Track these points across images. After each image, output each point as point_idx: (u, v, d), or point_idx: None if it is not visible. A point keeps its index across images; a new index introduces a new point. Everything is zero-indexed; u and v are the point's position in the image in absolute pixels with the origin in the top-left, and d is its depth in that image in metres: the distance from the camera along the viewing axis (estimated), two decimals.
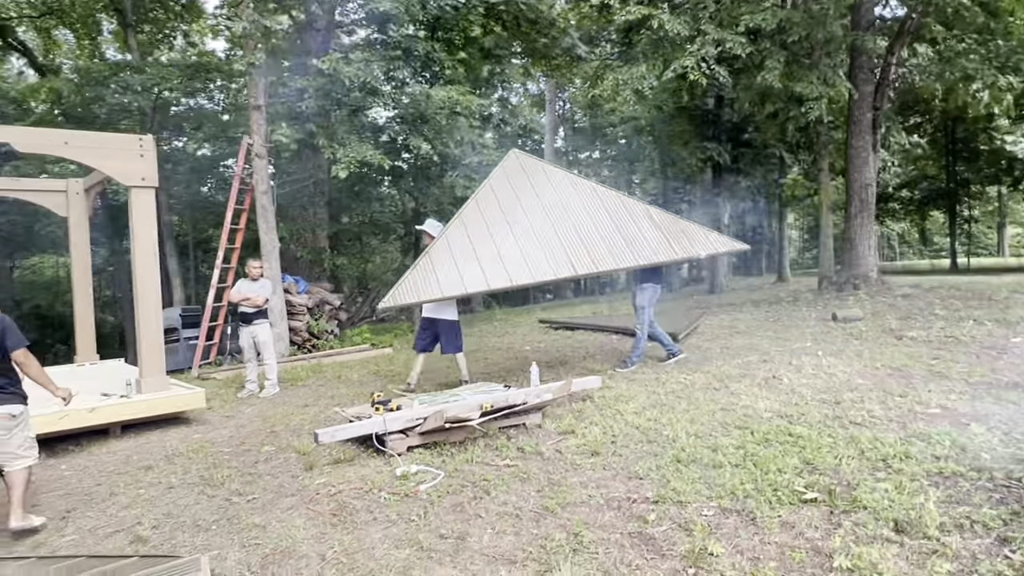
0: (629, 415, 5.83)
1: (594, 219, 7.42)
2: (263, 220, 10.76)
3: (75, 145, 6.48)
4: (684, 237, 7.32)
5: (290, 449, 5.80)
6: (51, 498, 5.08)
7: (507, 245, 7.15)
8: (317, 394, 8.28)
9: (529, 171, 7.95)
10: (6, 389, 4.31)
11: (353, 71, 10.02)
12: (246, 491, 4.82)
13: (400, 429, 5.31)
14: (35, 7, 18.64)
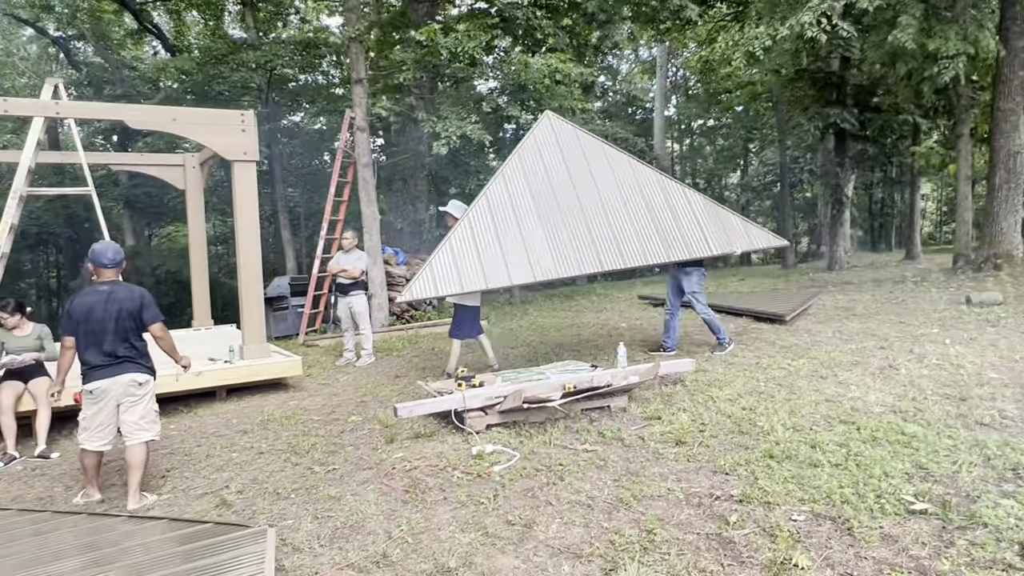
0: (722, 402, 5.46)
1: (628, 205, 6.91)
2: (364, 192, 10.97)
3: (182, 121, 6.78)
4: (721, 230, 6.90)
5: (375, 420, 5.88)
6: (156, 456, 5.38)
7: (533, 233, 6.60)
8: (410, 365, 8.40)
9: (563, 142, 7.22)
10: (134, 359, 4.41)
11: (451, 42, 9.93)
12: (328, 461, 4.90)
13: (479, 407, 5.23)
14: None
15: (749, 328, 8.75)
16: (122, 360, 4.35)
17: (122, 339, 4.34)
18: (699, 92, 31.01)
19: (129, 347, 4.38)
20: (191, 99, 16.13)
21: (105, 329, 4.29)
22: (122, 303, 4.34)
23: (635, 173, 7.16)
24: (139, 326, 4.42)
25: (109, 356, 4.31)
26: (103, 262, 4.44)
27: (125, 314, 4.33)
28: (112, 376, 4.32)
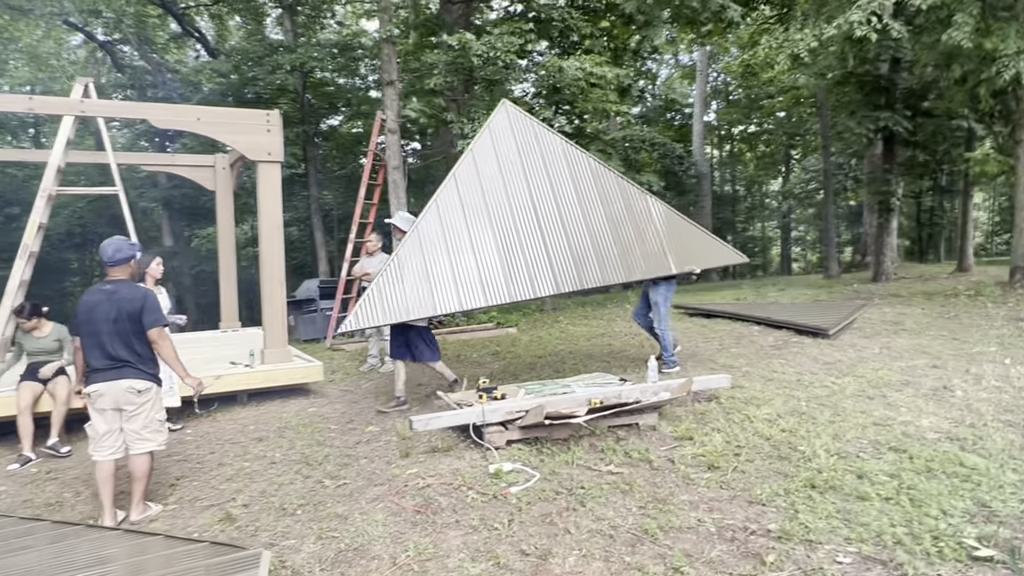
0: (760, 423, 5.10)
1: (587, 216, 6.32)
2: (394, 195, 10.82)
3: (207, 121, 6.68)
4: (682, 246, 6.49)
5: (392, 431, 5.66)
6: (168, 462, 5.25)
7: (486, 249, 5.97)
8: (433, 372, 8.13)
9: (520, 136, 6.42)
10: (134, 365, 4.14)
11: (483, 46, 9.73)
12: (339, 475, 4.69)
13: (499, 421, 4.96)
14: None
15: (790, 342, 8.33)
16: (122, 365, 4.09)
17: (123, 342, 4.09)
18: (740, 97, 30.36)
19: (130, 351, 4.11)
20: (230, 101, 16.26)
21: (106, 331, 4.06)
22: (122, 304, 4.08)
23: (596, 179, 6.51)
24: (140, 329, 4.13)
25: (110, 359, 4.08)
26: (104, 259, 4.21)
27: (124, 316, 4.07)
28: (110, 380, 4.08)
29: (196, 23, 20.98)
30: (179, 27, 19.84)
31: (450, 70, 10.52)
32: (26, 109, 6.11)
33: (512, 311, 14.06)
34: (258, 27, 20.49)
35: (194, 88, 17.35)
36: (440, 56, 10.21)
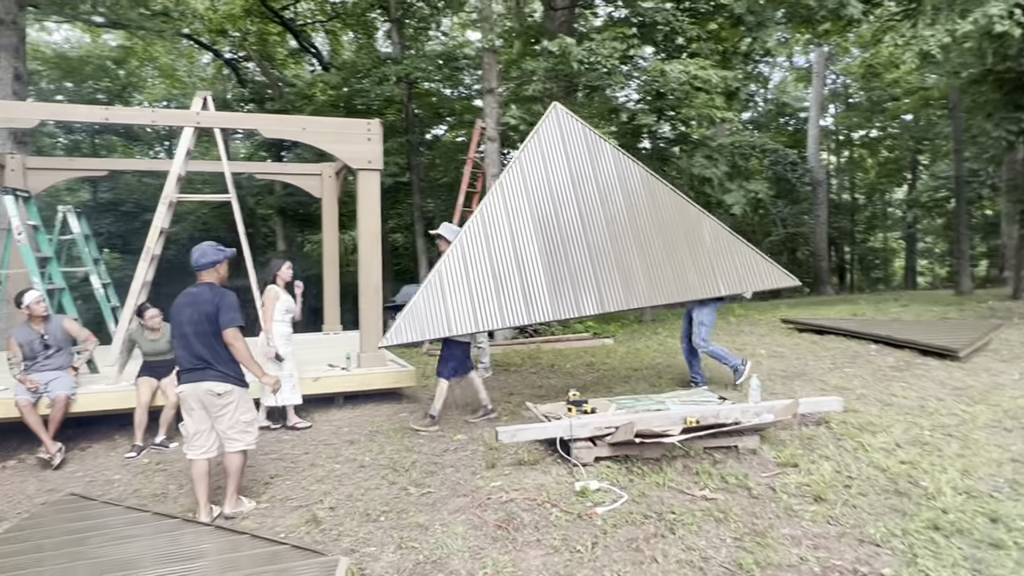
0: (875, 452, 4.65)
1: (638, 230, 5.99)
2: None
3: (311, 131, 6.91)
4: (734, 266, 6.04)
5: (480, 441, 5.58)
6: (265, 460, 5.41)
7: (531, 263, 5.72)
8: (526, 382, 8.07)
9: (570, 143, 6.09)
10: (215, 367, 4.17)
11: (583, 52, 9.58)
12: (424, 483, 4.66)
13: (588, 436, 4.78)
14: (325, 13, 21.12)
15: (913, 363, 7.63)
16: (204, 366, 4.16)
17: (204, 344, 4.14)
18: (861, 99, 28.56)
19: (211, 353, 4.16)
20: (340, 111, 16.95)
21: (189, 332, 4.15)
22: (203, 306, 4.14)
23: (649, 190, 6.14)
24: (218, 331, 4.16)
25: (194, 360, 4.17)
26: (192, 263, 4.27)
27: (203, 317, 4.13)
28: (193, 382, 4.17)
29: (312, 39, 22.06)
30: (296, 43, 20.91)
31: (549, 77, 10.43)
32: (149, 121, 6.55)
33: (609, 321, 13.77)
34: (369, 41, 21.29)
35: (308, 100, 18.19)
36: (540, 63, 10.16)
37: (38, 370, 5.91)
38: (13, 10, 9.99)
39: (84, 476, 5.33)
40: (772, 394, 6.32)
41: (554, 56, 10.00)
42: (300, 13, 20.92)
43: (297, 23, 20.37)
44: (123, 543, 3.81)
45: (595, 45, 9.89)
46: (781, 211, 24.02)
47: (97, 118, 6.47)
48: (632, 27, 10.86)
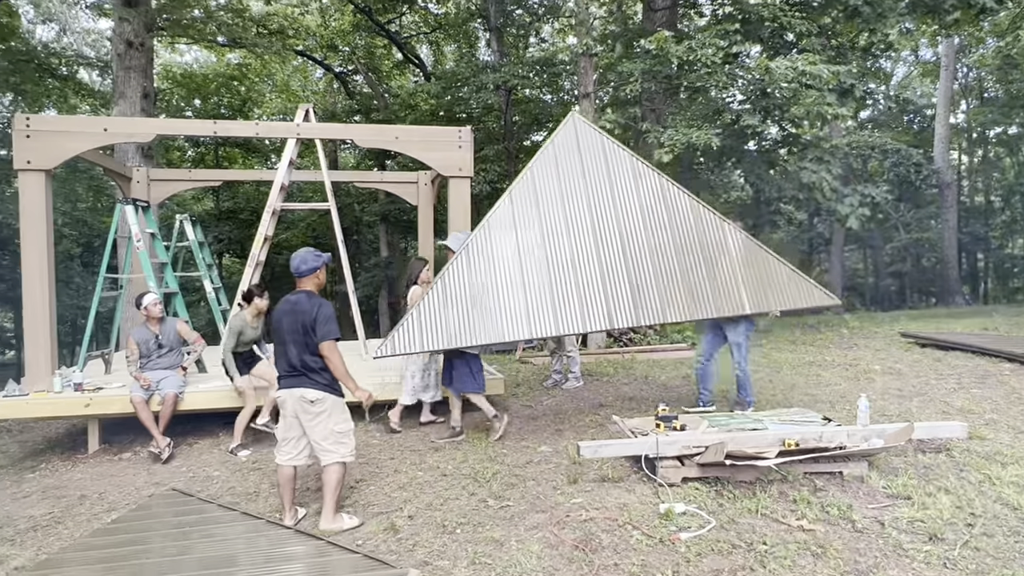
0: (1005, 486, 4.14)
1: (653, 243, 5.69)
2: None
3: (403, 139, 7.01)
4: (760, 282, 5.54)
5: (564, 454, 5.44)
6: (352, 465, 5.48)
7: (537, 275, 5.57)
8: (617, 393, 7.84)
9: (587, 153, 5.93)
10: (310, 375, 4.18)
11: (681, 50, 9.24)
12: (503, 495, 4.57)
13: (675, 455, 4.54)
14: (428, 24, 21.66)
15: None
16: (300, 374, 4.18)
17: (301, 352, 4.16)
18: (997, 94, 26.16)
19: (307, 361, 4.17)
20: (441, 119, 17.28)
21: (288, 340, 4.19)
22: (301, 315, 4.15)
23: (666, 201, 5.84)
24: (314, 340, 4.17)
25: (290, 367, 4.20)
26: (292, 270, 4.32)
27: (301, 327, 4.14)
28: (289, 388, 4.21)
29: (416, 50, 22.67)
30: (401, 55, 21.55)
31: (647, 77, 10.14)
32: (253, 134, 6.86)
33: None
34: (470, 50, 21.64)
35: (411, 109, 18.69)
36: (637, 64, 9.89)
37: (151, 368, 6.30)
38: (142, 34, 10.82)
39: (188, 471, 5.61)
40: (884, 416, 5.82)
41: (651, 56, 9.71)
42: (405, 26, 21.55)
43: (402, 36, 20.99)
44: (215, 541, 3.95)
45: (695, 43, 9.51)
46: (903, 215, 22.37)
47: (207, 132, 6.85)
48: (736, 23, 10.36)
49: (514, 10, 17.14)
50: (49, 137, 6.22)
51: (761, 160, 11.83)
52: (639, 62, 10.00)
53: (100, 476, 5.62)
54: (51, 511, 4.85)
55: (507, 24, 17.36)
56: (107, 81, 19.19)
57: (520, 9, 17.18)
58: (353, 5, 18.83)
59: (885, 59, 24.35)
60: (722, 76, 10.07)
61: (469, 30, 19.99)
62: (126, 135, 6.43)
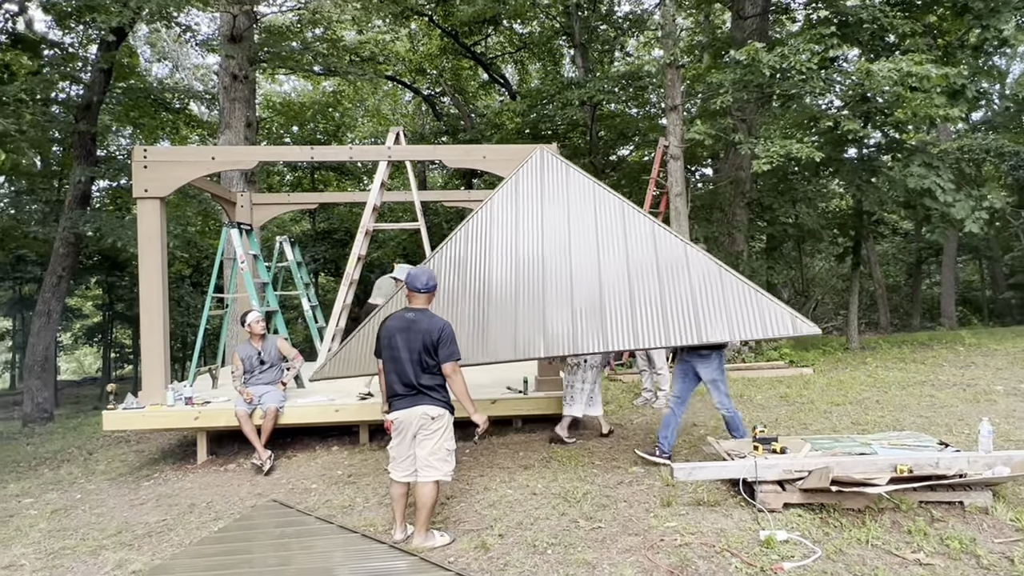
0: None
1: (603, 272, 5.37)
2: (676, 223, 10.45)
3: (490, 159, 7.10)
4: (725, 310, 4.98)
5: (656, 474, 5.29)
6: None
7: (468, 307, 5.43)
8: (710, 413, 7.58)
9: (549, 186, 5.87)
10: (428, 393, 4.16)
11: (774, 58, 8.93)
12: (595, 516, 4.48)
13: (775, 479, 4.33)
14: (513, 44, 21.97)
15: None
16: (418, 392, 4.14)
17: (419, 371, 4.13)
18: None
19: (426, 379, 4.14)
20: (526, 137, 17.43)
21: (404, 358, 4.14)
22: (422, 334, 4.11)
23: (626, 227, 5.55)
24: (435, 361, 4.14)
25: (407, 387, 4.15)
26: (416, 286, 4.25)
27: (421, 345, 4.11)
28: (408, 408, 4.17)
29: (501, 70, 23.02)
30: (487, 75, 21.93)
31: (738, 88, 9.86)
32: (347, 158, 7.13)
33: (809, 348, 12.64)
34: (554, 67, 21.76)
35: (496, 128, 18.95)
36: (727, 75, 9.64)
37: (253, 384, 6.60)
38: (246, 67, 11.50)
39: (287, 483, 5.82)
40: (1010, 441, 5.36)
41: (742, 66, 9.45)
42: (490, 47, 21.93)
43: (487, 57, 21.37)
44: (313, 553, 4.07)
45: (788, 50, 9.17)
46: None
47: (304, 157, 7.17)
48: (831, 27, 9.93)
49: (598, 25, 17.12)
50: (164, 167, 6.68)
51: (862, 168, 11.25)
52: (729, 72, 9.75)
53: (207, 486, 5.92)
54: (164, 518, 5.13)
55: (591, 40, 17.37)
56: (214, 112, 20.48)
57: (605, 24, 17.15)
58: (440, 30, 19.33)
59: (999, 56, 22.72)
60: (818, 82, 9.67)
61: (554, 48, 20.11)
62: (232, 163, 6.82)
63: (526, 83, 23.45)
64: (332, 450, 6.75)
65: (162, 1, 10.53)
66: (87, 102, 13.34)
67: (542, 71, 22.22)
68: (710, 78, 10.29)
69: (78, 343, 23.67)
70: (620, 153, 21.38)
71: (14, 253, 18.85)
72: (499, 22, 19.20)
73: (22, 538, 4.93)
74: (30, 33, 13.93)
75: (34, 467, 7.48)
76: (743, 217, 12.67)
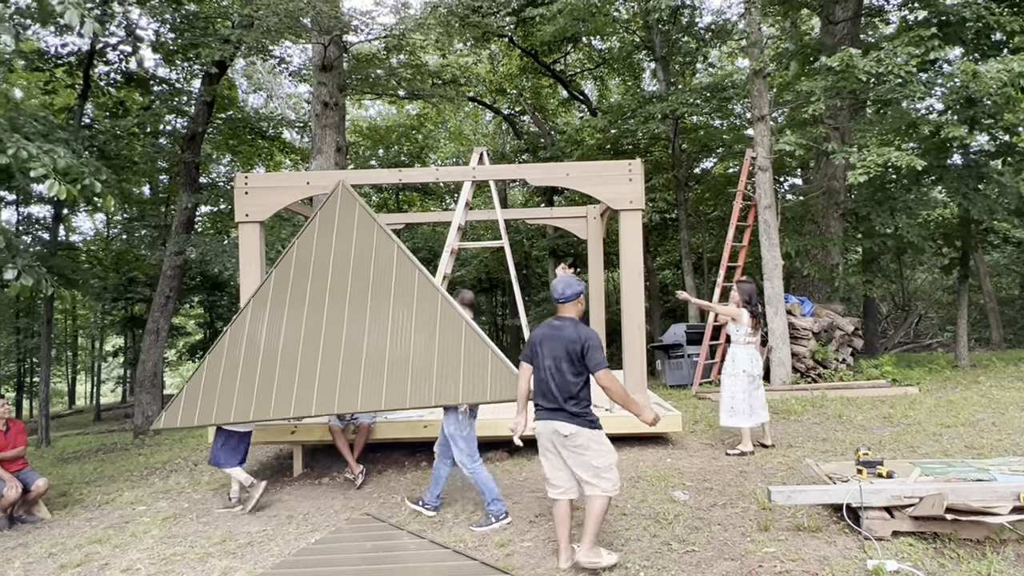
0: None
1: (367, 325, 5.63)
2: (765, 236, 10.14)
3: (574, 176, 7.10)
4: (463, 372, 5.24)
5: (752, 497, 5.11)
6: (531, 498, 5.54)
7: (250, 353, 5.72)
8: (808, 434, 7.27)
9: (340, 226, 6.07)
10: (565, 408, 3.97)
11: (870, 63, 8.55)
12: (688, 539, 4.36)
13: (883, 506, 4.09)
14: (592, 60, 22.00)
15: None
16: (557, 408, 3.98)
17: (559, 381, 3.97)
18: None
19: (564, 392, 3.96)
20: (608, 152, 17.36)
21: (547, 367, 4.02)
22: (566, 342, 3.96)
23: (395, 280, 5.74)
24: (579, 371, 3.96)
25: (545, 398, 4.04)
26: (555, 296, 4.17)
27: (565, 355, 3.94)
28: (545, 420, 4.04)
29: (581, 87, 23.07)
30: (566, 92, 22.02)
31: (830, 95, 9.49)
32: (434, 179, 7.31)
33: (913, 365, 11.93)
34: (635, 82, 21.63)
35: (576, 145, 18.97)
36: (818, 82, 9.30)
37: None
38: (336, 94, 12.01)
39: (378, 497, 5.95)
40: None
41: (834, 72, 9.10)
42: (569, 64, 22.04)
43: (567, 74, 21.47)
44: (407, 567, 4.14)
45: (884, 54, 8.77)
46: None
47: (393, 179, 7.38)
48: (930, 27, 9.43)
49: (680, 37, 16.92)
50: (263, 193, 7.04)
51: (968, 174, 10.58)
52: (820, 79, 9.40)
53: (303, 498, 6.12)
54: (264, 528, 5.34)
55: (672, 52, 17.17)
56: (305, 139, 21.44)
57: (686, 36, 16.92)
58: (520, 50, 19.58)
59: None
60: (918, 86, 9.18)
61: (634, 62, 20.00)
62: (325, 187, 7.09)
63: (606, 98, 23.40)
64: (421, 465, 6.86)
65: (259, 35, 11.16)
66: (192, 133, 14.24)
67: (622, 86, 22.13)
68: (799, 86, 9.95)
69: (182, 359, 25.08)
70: (703, 166, 20.97)
71: (126, 275, 20.23)
72: (579, 40, 19.27)
73: (137, 543, 5.24)
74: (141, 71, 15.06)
75: (145, 476, 7.94)
76: (837, 229, 12.14)
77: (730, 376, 6.59)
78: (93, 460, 9.97)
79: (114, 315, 22.60)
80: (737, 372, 6.50)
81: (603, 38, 20.37)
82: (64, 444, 12.57)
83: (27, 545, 5.48)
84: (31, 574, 4.80)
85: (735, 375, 6.52)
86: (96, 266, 20.07)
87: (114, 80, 14.92)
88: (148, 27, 14.52)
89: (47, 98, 16.37)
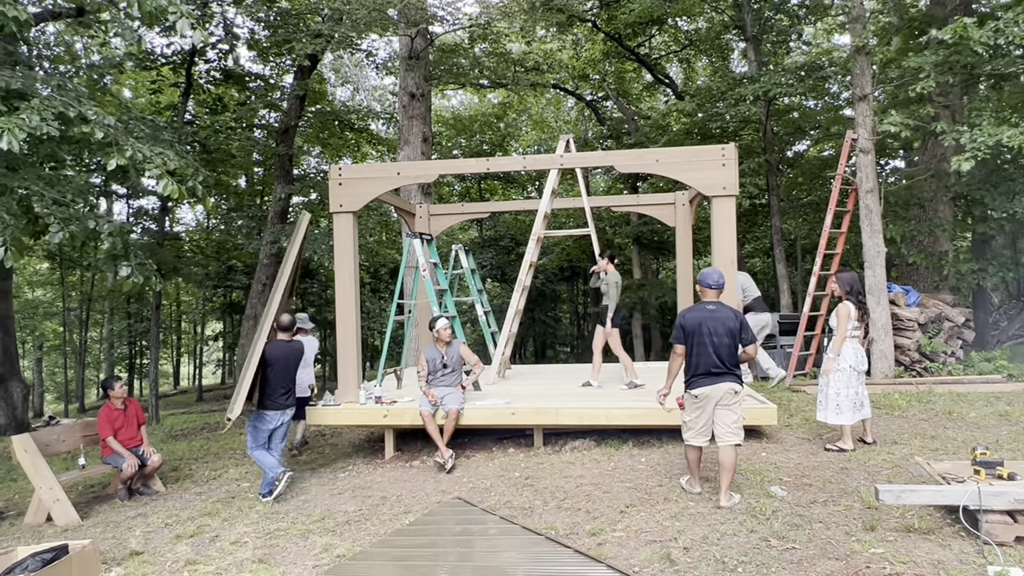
0: None
1: None
2: (866, 222, 9.61)
3: (664, 161, 6.94)
4: None
5: (855, 495, 4.88)
6: (620, 488, 5.49)
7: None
8: (915, 431, 6.87)
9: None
10: (732, 372, 4.95)
11: (987, 33, 7.91)
12: (787, 536, 4.22)
13: (1005, 509, 3.82)
14: (678, 43, 21.42)
15: None
16: (726, 371, 4.91)
17: (724, 352, 4.89)
18: None
19: (729, 360, 4.91)
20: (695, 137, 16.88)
21: (709, 342, 4.88)
22: (724, 322, 4.91)
23: None
24: (735, 343, 4.93)
25: (717, 365, 4.89)
26: (708, 283, 5.09)
27: (727, 331, 4.89)
28: (713, 384, 4.91)
29: (666, 70, 22.51)
30: (651, 76, 21.55)
31: (941, 71, 8.85)
32: (521, 167, 7.30)
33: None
34: (724, 63, 20.92)
35: (662, 130, 18.54)
36: (927, 57, 8.68)
37: (435, 385, 6.94)
38: (423, 85, 12.18)
39: (468, 482, 6.04)
40: None
41: (946, 46, 8.48)
42: (654, 47, 21.55)
43: (652, 58, 21.00)
44: (499, 552, 4.19)
45: (1003, 23, 8.10)
46: None
47: (480, 168, 7.44)
48: None
49: (772, 15, 16.22)
50: (356, 184, 7.23)
51: None
52: (930, 54, 8.78)
53: (396, 480, 6.30)
54: (360, 508, 5.53)
55: (764, 31, 16.48)
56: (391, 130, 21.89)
57: (779, 13, 16.20)
58: (604, 34, 19.28)
59: None
60: None
61: (723, 43, 19.33)
62: (415, 177, 7.24)
63: (692, 81, 22.76)
64: (508, 452, 6.92)
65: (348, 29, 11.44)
66: (285, 126, 14.79)
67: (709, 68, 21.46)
68: (906, 62, 9.33)
69: None
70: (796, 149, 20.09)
71: (225, 264, 21.31)
72: (664, 21, 18.78)
73: (243, 518, 5.53)
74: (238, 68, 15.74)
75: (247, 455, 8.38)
76: (947, 213, 11.35)
77: (835, 372, 6.26)
78: (199, 438, 10.58)
79: (214, 301, 23.85)
80: (843, 367, 6.19)
81: (690, 18, 19.80)
82: (172, 422, 13.41)
83: (145, 515, 5.88)
84: (150, 542, 5.15)
85: (841, 370, 6.21)
86: (198, 255, 21.25)
87: (213, 77, 15.67)
88: (244, 25, 15.18)
89: (153, 97, 17.39)
